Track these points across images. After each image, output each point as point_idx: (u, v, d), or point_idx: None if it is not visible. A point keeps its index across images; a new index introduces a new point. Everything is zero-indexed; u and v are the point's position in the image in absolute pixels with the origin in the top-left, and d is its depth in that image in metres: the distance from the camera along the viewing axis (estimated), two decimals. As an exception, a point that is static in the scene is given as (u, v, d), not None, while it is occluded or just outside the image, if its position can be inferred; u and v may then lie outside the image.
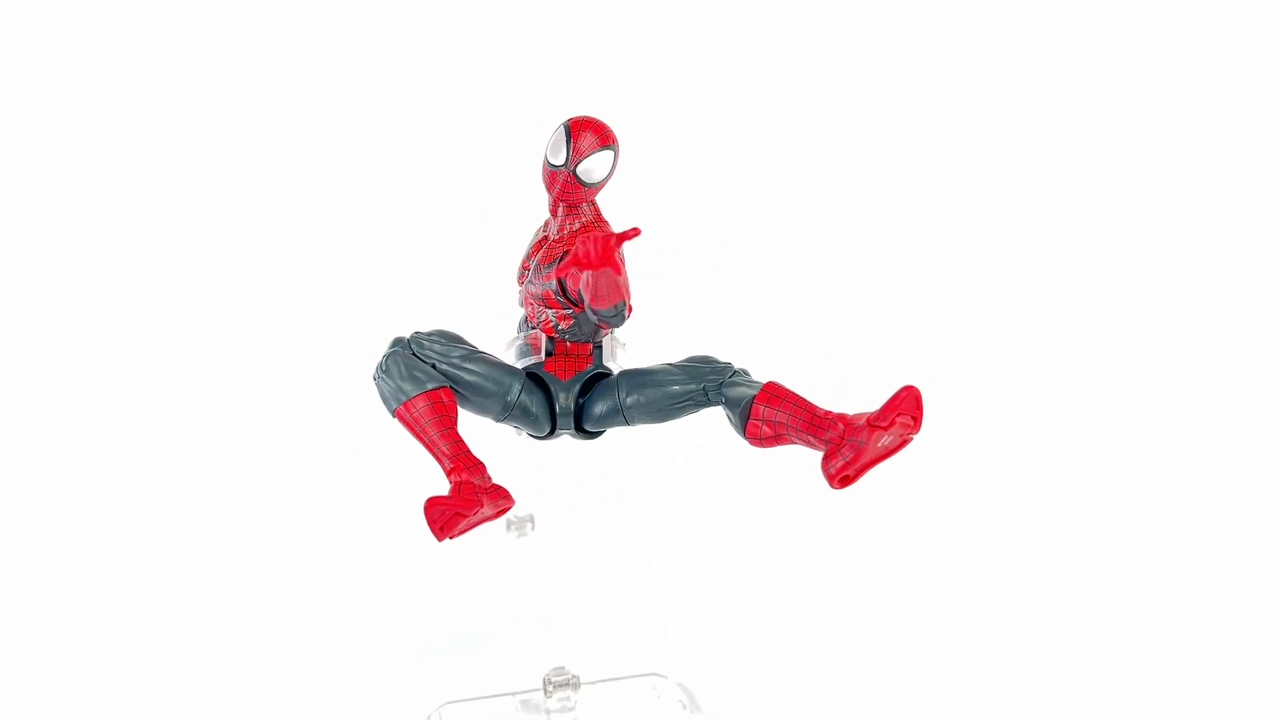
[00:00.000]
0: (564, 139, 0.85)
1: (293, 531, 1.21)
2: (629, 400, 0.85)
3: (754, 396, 0.83)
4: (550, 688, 0.94)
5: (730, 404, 0.85)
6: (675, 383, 0.85)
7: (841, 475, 0.78)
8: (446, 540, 0.79)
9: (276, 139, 1.50)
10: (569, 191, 0.86)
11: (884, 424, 0.77)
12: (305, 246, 1.48)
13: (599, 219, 0.88)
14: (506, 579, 1.07)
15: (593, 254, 0.71)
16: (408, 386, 0.83)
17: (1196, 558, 1.20)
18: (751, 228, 1.48)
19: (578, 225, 0.87)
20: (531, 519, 0.94)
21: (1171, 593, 1.15)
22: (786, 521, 1.19)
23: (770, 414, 0.82)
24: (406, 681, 1.02)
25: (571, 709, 0.94)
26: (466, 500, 0.79)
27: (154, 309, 1.46)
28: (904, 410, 0.77)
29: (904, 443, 0.79)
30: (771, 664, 1.04)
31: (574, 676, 0.94)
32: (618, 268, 0.72)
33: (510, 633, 1.06)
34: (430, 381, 0.83)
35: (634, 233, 0.73)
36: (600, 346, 0.88)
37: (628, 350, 0.90)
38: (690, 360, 0.87)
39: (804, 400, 0.82)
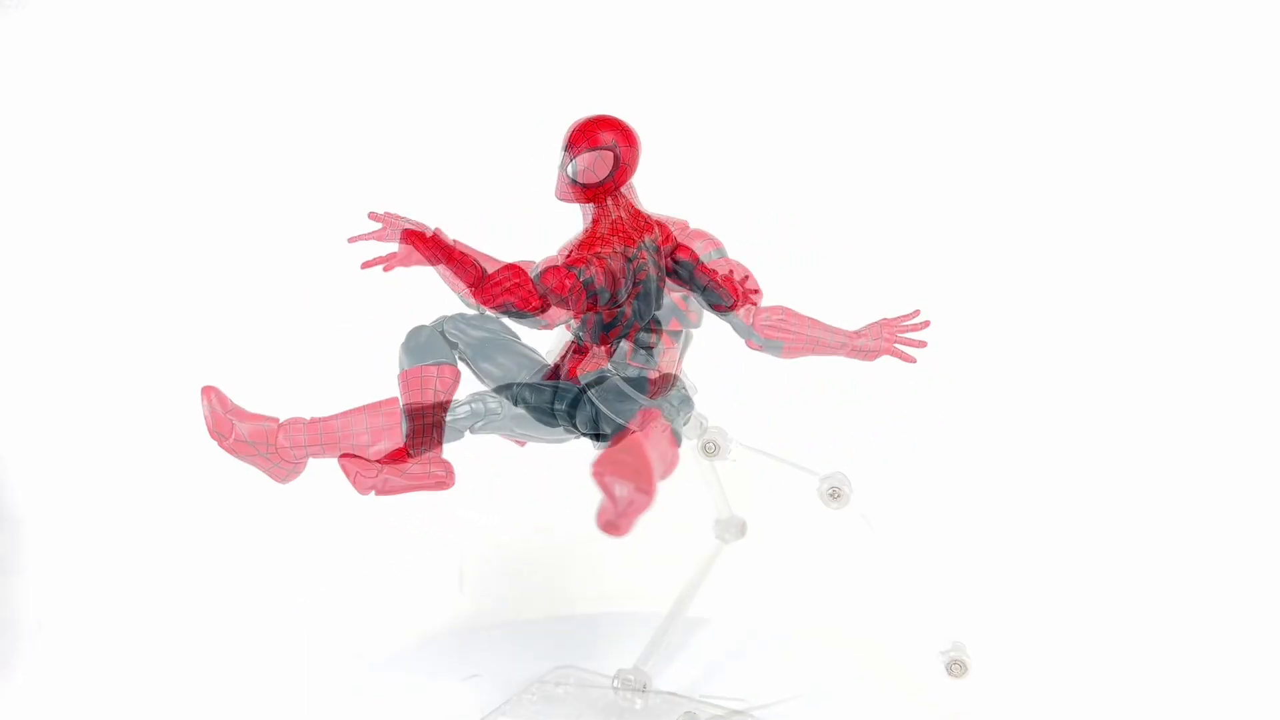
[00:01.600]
0: (565, 140, 0.86)
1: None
2: (598, 408, 0.84)
3: (623, 428, 0.80)
4: (617, 683, 0.95)
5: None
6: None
7: (603, 521, 0.72)
8: (372, 494, 0.81)
9: (279, 139, 1.50)
10: (569, 191, 0.87)
11: (603, 472, 0.71)
12: (306, 246, 1.48)
13: (621, 219, 0.88)
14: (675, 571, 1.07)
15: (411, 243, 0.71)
16: (415, 357, 0.85)
17: (1196, 560, 1.20)
18: (751, 228, 1.48)
19: (590, 221, 0.87)
20: (743, 525, 0.94)
21: (1174, 593, 1.15)
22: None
23: None
24: (539, 640, 1.07)
25: (637, 711, 0.94)
26: (373, 463, 0.81)
27: (153, 309, 1.46)
28: (617, 457, 0.70)
29: (642, 503, 0.70)
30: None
31: (641, 682, 0.95)
32: (406, 260, 0.71)
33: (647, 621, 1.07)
34: (439, 357, 0.85)
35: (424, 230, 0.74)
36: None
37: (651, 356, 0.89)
38: None
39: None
